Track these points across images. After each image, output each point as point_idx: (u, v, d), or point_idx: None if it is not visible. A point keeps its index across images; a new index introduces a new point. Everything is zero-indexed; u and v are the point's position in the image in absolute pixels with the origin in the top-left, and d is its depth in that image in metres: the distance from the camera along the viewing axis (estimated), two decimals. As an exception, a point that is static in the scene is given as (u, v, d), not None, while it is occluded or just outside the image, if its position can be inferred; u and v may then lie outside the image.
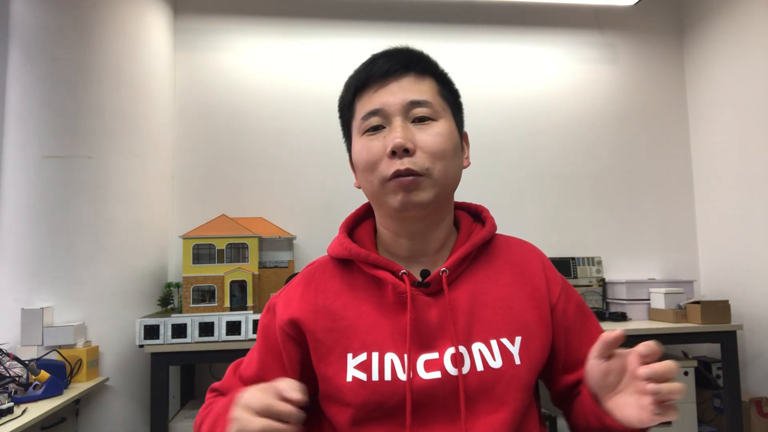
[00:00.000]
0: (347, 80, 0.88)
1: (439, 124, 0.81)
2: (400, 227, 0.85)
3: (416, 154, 0.78)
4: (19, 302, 2.09)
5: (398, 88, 0.82)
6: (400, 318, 0.80)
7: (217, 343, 2.11)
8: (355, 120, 0.86)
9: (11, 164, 2.22)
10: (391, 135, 0.79)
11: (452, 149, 0.82)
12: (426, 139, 0.80)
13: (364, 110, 0.83)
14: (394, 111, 0.81)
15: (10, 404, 1.64)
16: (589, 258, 2.91)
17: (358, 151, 0.83)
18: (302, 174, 2.82)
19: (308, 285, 0.88)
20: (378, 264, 0.83)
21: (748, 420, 2.46)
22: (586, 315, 0.91)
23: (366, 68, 0.85)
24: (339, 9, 2.96)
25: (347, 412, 0.78)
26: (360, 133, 0.84)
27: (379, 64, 0.83)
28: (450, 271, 0.82)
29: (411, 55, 0.85)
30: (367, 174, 0.82)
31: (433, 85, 0.84)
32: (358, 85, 0.85)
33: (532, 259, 0.90)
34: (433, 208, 0.82)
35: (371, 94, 0.83)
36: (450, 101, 0.86)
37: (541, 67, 3.07)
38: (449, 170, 0.81)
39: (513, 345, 0.80)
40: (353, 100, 0.86)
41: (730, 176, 2.85)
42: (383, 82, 0.82)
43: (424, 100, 0.81)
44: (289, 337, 0.85)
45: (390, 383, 0.77)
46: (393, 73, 0.82)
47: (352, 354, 0.80)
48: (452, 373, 0.77)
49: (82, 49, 2.24)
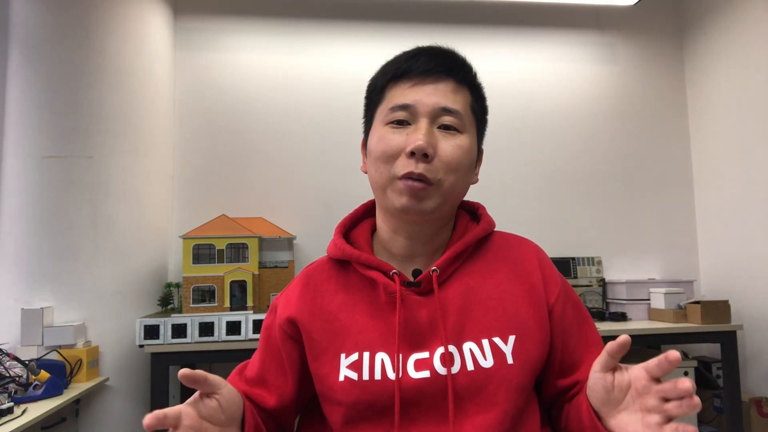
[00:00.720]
0: (385, 64, 0.86)
1: (463, 137, 0.81)
2: (400, 225, 0.84)
3: (433, 161, 0.78)
4: (19, 302, 2.09)
5: (434, 90, 0.80)
6: (392, 318, 0.80)
7: (217, 343, 2.11)
8: (381, 107, 0.84)
9: (11, 164, 2.22)
10: (415, 135, 0.78)
11: (468, 164, 0.82)
12: (447, 148, 0.79)
13: (394, 101, 0.81)
14: (424, 112, 0.79)
15: (10, 404, 1.64)
16: (589, 258, 2.91)
17: (377, 139, 0.81)
18: (302, 174, 2.82)
19: (306, 285, 0.89)
20: (370, 264, 0.83)
21: (748, 420, 2.46)
22: (584, 317, 0.89)
23: (408, 60, 0.83)
24: (339, 9, 2.96)
25: (340, 411, 0.79)
26: (383, 123, 0.82)
27: (422, 60, 0.82)
28: (441, 269, 0.82)
29: (455, 60, 0.84)
30: (379, 164, 0.81)
31: (467, 97, 0.83)
32: (396, 73, 0.83)
33: (529, 257, 0.88)
34: (435, 217, 0.82)
35: (406, 87, 0.81)
36: (478, 116, 0.86)
37: (541, 67, 3.07)
38: (459, 184, 0.81)
39: (506, 344, 0.78)
40: (385, 87, 0.84)
41: (730, 176, 2.85)
42: (421, 79, 0.81)
43: (456, 110, 0.80)
44: (288, 335, 0.85)
45: (380, 382, 0.77)
46: (434, 73, 0.81)
47: (344, 354, 0.80)
48: (441, 372, 0.76)
49: (82, 49, 2.24)
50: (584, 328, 0.88)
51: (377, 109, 0.85)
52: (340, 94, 2.83)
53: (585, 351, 0.86)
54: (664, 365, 0.61)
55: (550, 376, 0.85)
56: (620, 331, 2.33)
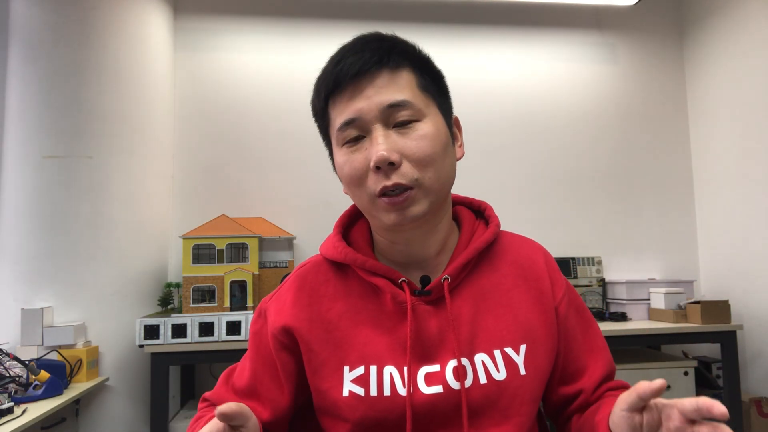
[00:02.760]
0: (316, 82, 0.79)
1: (424, 125, 0.73)
2: (396, 237, 0.79)
3: (402, 165, 0.71)
4: (19, 302, 2.10)
5: (373, 90, 0.72)
6: (399, 329, 0.75)
7: (217, 343, 2.12)
8: (331, 128, 0.78)
9: (11, 164, 2.22)
10: (373, 148, 0.71)
11: (441, 150, 0.74)
12: (411, 145, 0.72)
13: (338, 120, 0.75)
14: (371, 119, 0.72)
15: (10, 404, 1.64)
16: (589, 258, 2.91)
17: (341, 164, 0.76)
18: (302, 174, 2.82)
19: (300, 289, 0.81)
20: (376, 271, 0.78)
21: (748, 420, 2.46)
22: (588, 322, 0.86)
23: (334, 68, 0.75)
24: (339, 9, 2.96)
25: (344, 427, 0.74)
26: (339, 145, 0.76)
27: (348, 62, 0.73)
28: (452, 278, 0.77)
29: (381, 46, 0.74)
30: (353, 189, 0.76)
31: (411, 78, 0.75)
32: (328, 89, 0.76)
33: (537, 260, 0.84)
34: (430, 217, 0.76)
35: (345, 100, 0.74)
36: (432, 91, 0.77)
37: (541, 67, 3.07)
38: (441, 174, 0.74)
39: (518, 354, 0.75)
40: (326, 107, 0.78)
41: (730, 176, 2.85)
42: (355, 84, 0.73)
43: (403, 101, 0.72)
44: (283, 345, 0.79)
45: (389, 398, 0.72)
46: (364, 72, 0.73)
47: (348, 367, 0.75)
48: (454, 386, 0.72)
49: (82, 49, 2.24)
50: (588, 333, 0.85)
51: (329, 130, 0.79)
52: (340, 94, 2.83)
53: (589, 357, 0.83)
54: (702, 412, 0.55)
55: (552, 382, 0.82)
56: (620, 331, 2.33)
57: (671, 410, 0.58)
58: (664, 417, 0.59)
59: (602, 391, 0.82)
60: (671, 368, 2.39)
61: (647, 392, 0.58)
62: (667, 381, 0.61)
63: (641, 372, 2.37)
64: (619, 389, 0.82)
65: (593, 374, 0.82)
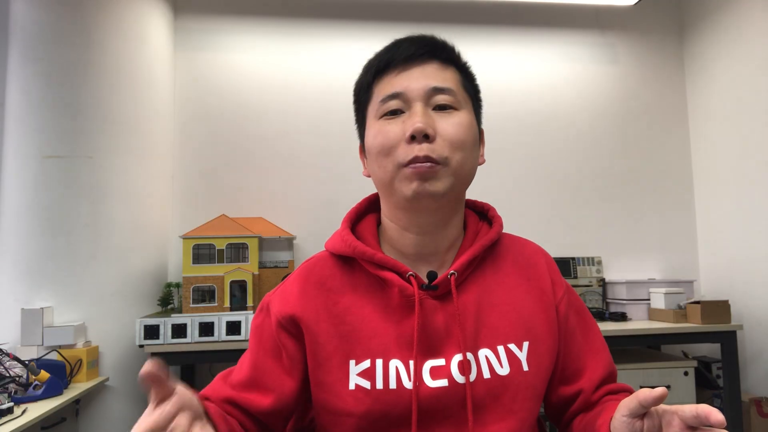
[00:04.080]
0: (367, 62, 0.84)
1: (461, 114, 0.78)
2: (410, 220, 0.80)
3: (436, 141, 0.74)
4: (19, 302, 2.09)
5: (421, 73, 0.78)
6: (406, 322, 0.76)
7: (217, 343, 2.12)
8: (372, 103, 0.81)
9: (11, 164, 2.22)
10: (411, 120, 0.75)
11: (472, 141, 0.78)
12: (447, 127, 0.75)
13: (383, 93, 0.78)
14: (415, 96, 0.77)
15: (10, 404, 1.64)
16: (589, 258, 2.91)
17: (374, 134, 0.78)
18: (302, 174, 2.82)
19: (307, 281, 0.82)
20: (384, 264, 0.78)
21: (748, 420, 2.46)
22: (588, 324, 0.87)
23: (389, 51, 0.81)
24: (339, 9, 2.95)
25: (349, 422, 0.75)
26: (377, 117, 0.79)
27: (403, 47, 0.79)
28: (458, 273, 0.78)
29: (436, 42, 0.82)
30: (381, 159, 0.77)
31: (456, 76, 0.81)
32: (379, 67, 0.80)
33: (538, 260, 0.86)
34: (446, 201, 0.77)
35: (392, 77, 0.79)
36: (471, 94, 0.83)
37: (541, 67, 3.07)
38: (467, 162, 0.77)
39: (521, 351, 0.77)
40: (372, 83, 0.82)
41: (730, 176, 2.85)
42: (406, 66, 0.79)
43: (448, 88, 0.77)
44: (289, 333, 0.79)
45: (395, 391, 0.73)
46: (417, 57, 0.79)
47: (354, 361, 0.76)
48: (459, 380, 0.74)
49: (82, 49, 2.24)
50: (588, 334, 0.86)
51: (368, 107, 0.82)
52: (340, 94, 2.82)
53: (588, 358, 0.84)
54: (701, 419, 0.56)
55: (553, 381, 0.83)
56: (620, 331, 2.33)
57: (672, 417, 0.59)
58: (665, 423, 0.60)
59: (603, 393, 0.82)
60: (671, 368, 2.39)
61: (648, 400, 0.59)
62: (667, 381, 0.61)
63: (641, 372, 2.37)
64: (620, 392, 0.82)
65: (593, 375, 0.82)
